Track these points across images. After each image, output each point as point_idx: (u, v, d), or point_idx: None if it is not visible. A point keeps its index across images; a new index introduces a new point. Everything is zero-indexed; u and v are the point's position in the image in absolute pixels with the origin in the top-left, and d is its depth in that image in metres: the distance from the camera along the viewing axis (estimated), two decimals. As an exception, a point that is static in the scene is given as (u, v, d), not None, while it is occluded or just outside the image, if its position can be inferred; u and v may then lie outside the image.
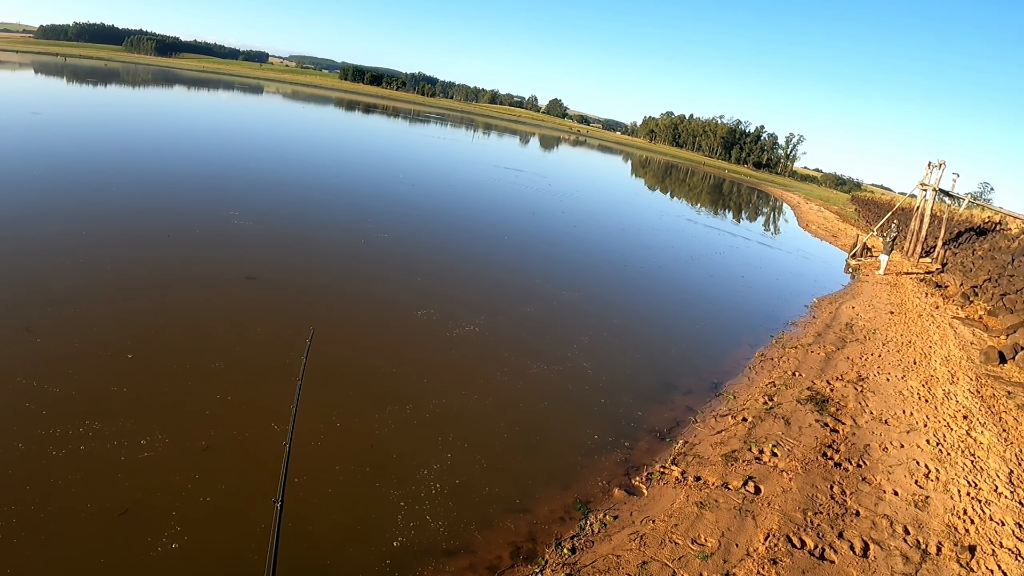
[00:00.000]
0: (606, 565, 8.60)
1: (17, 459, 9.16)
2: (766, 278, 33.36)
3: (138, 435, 10.11)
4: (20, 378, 11.12)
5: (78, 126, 46.58)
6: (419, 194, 39.76)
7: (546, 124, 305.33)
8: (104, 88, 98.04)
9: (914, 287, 32.35)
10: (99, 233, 19.92)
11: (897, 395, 16.06)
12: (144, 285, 16.48)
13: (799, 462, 11.95)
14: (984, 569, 9.23)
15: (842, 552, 9.22)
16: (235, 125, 66.74)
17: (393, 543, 8.79)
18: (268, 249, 21.34)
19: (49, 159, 31.09)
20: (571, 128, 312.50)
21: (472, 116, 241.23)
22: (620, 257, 31.52)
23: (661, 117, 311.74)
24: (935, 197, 44.04)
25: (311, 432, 11.05)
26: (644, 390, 15.52)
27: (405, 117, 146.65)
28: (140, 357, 12.64)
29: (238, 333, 14.44)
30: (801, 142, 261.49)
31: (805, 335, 21.63)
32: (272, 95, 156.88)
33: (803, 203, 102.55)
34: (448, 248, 26.95)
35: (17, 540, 7.76)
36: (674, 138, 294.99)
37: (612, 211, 50.70)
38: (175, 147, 42.93)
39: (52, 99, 68.25)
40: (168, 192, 27.86)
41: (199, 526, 8.40)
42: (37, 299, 14.42)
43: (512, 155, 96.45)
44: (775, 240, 53.64)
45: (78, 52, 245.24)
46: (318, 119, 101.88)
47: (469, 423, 12.37)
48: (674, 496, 10.67)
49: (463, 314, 17.98)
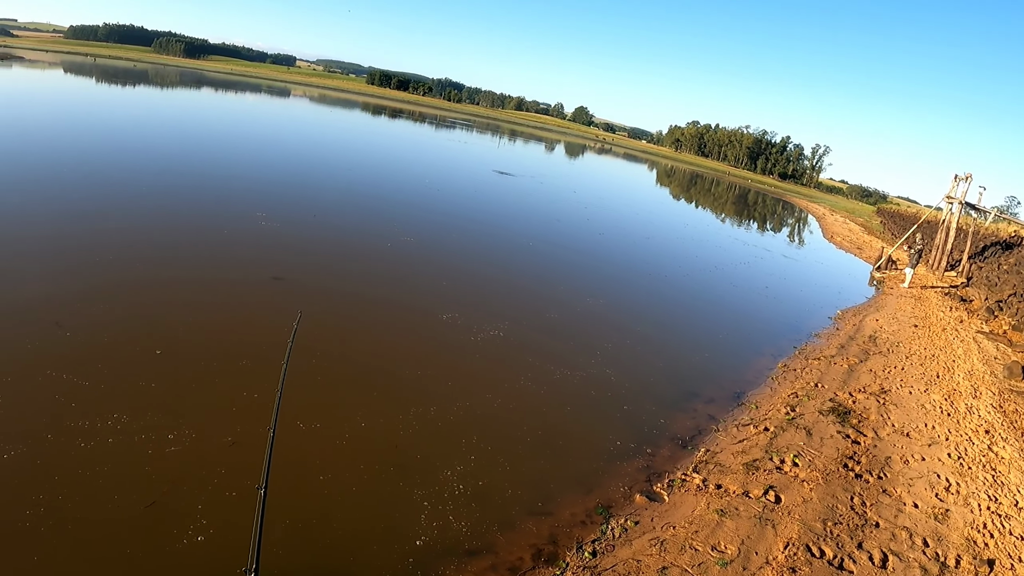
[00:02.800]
0: (626, 569, 8.72)
1: (46, 450, 9.41)
2: (790, 289, 33.28)
3: (165, 429, 10.36)
4: (50, 371, 11.41)
5: (109, 126, 47.25)
6: (445, 199, 40.07)
7: (572, 132, 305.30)
8: (133, 88, 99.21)
9: (939, 300, 32.16)
10: (129, 231, 20.34)
11: (919, 408, 16.04)
12: (172, 283, 16.81)
13: (820, 472, 12.00)
14: (1003, 583, 9.26)
15: (861, 563, 9.28)
16: (262, 128, 67.38)
17: (416, 542, 8.94)
18: (295, 251, 21.62)
19: (80, 159, 31.61)
20: (597, 136, 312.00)
21: (498, 122, 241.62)
22: (644, 265, 31.59)
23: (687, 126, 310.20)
24: (961, 210, 43.72)
25: (336, 432, 11.27)
26: (666, 398, 15.62)
27: (431, 122, 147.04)
28: (168, 353, 12.93)
29: (264, 332, 14.67)
30: (827, 153, 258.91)
31: (828, 347, 21.60)
32: (299, 98, 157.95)
33: (828, 215, 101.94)
34: (473, 253, 27.17)
35: (45, 529, 7.98)
36: (700, 147, 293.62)
37: (637, 220, 50.66)
38: (204, 149, 43.54)
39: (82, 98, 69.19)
40: (196, 193, 28.31)
41: (225, 520, 8.59)
42: (67, 294, 14.75)
43: (537, 162, 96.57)
44: (800, 251, 53.36)
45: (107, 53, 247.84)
46: (345, 123, 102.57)
47: (492, 426, 12.52)
48: (695, 503, 10.77)
49: (488, 319, 18.15)
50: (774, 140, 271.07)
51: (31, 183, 24.67)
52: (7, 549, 7.65)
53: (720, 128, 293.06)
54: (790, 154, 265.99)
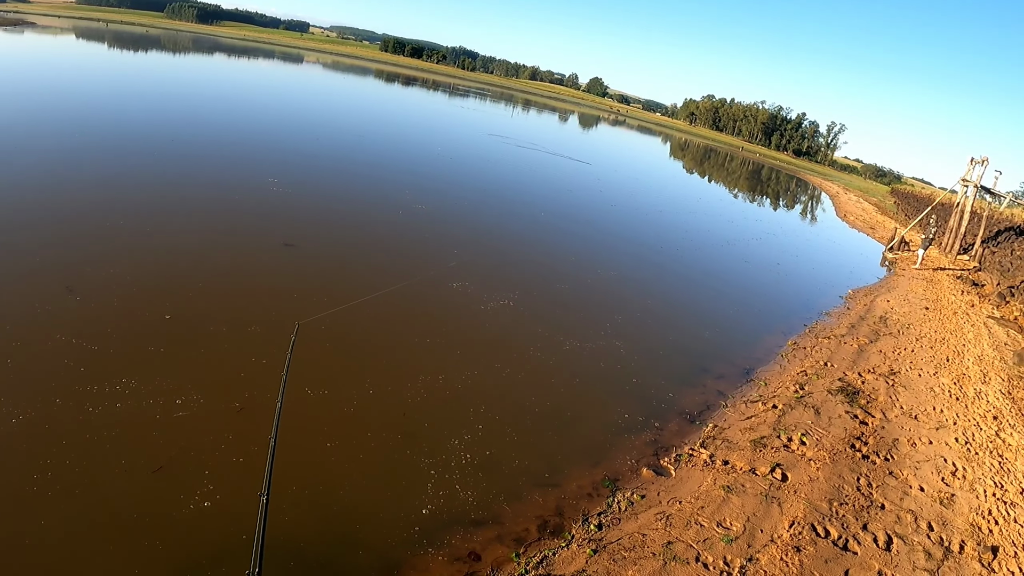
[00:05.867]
0: (631, 543, 8.76)
1: (55, 415, 9.46)
2: (802, 267, 33.12)
3: (174, 395, 10.42)
4: (60, 335, 11.46)
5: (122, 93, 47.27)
6: (457, 168, 39.97)
7: (585, 102, 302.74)
8: (146, 55, 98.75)
9: (950, 284, 32.00)
10: (140, 197, 20.39)
11: (928, 391, 16.01)
12: (184, 248, 16.83)
13: (827, 452, 12.01)
14: (1005, 570, 9.27)
15: (865, 544, 9.31)
16: (275, 94, 67.21)
17: (422, 511, 9.00)
18: (306, 217, 21.63)
19: (92, 125, 31.65)
20: (611, 107, 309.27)
21: (512, 92, 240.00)
22: (656, 239, 31.47)
23: (702, 100, 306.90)
24: (976, 194, 43.29)
25: (344, 399, 11.32)
26: (676, 372, 15.63)
27: (445, 91, 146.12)
28: (178, 318, 12.97)
29: (274, 298, 14.72)
30: (842, 131, 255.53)
31: (839, 326, 21.54)
32: (312, 65, 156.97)
33: (842, 193, 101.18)
34: (485, 223, 27.10)
35: (52, 493, 8.05)
36: (714, 122, 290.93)
37: (649, 192, 50.47)
38: (216, 115, 43.56)
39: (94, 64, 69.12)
40: (208, 159, 28.31)
41: (231, 486, 8.64)
42: (78, 259, 14.79)
43: (549, 133, 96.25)
44: (812, 229, 53.13)
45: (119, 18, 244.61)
46: (358, 90, 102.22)
47: (501, 396, 12.56)
48: (702, 479, 10.80)
49: (498, 288, 18.15)
50: (789, 116, 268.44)
51: (43, 149, 24.76)
52: (15, 512, 7.72)
53: (735, 103, 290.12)
54: (805, 131, 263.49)
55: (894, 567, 8.90)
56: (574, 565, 8.31)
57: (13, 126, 27.40)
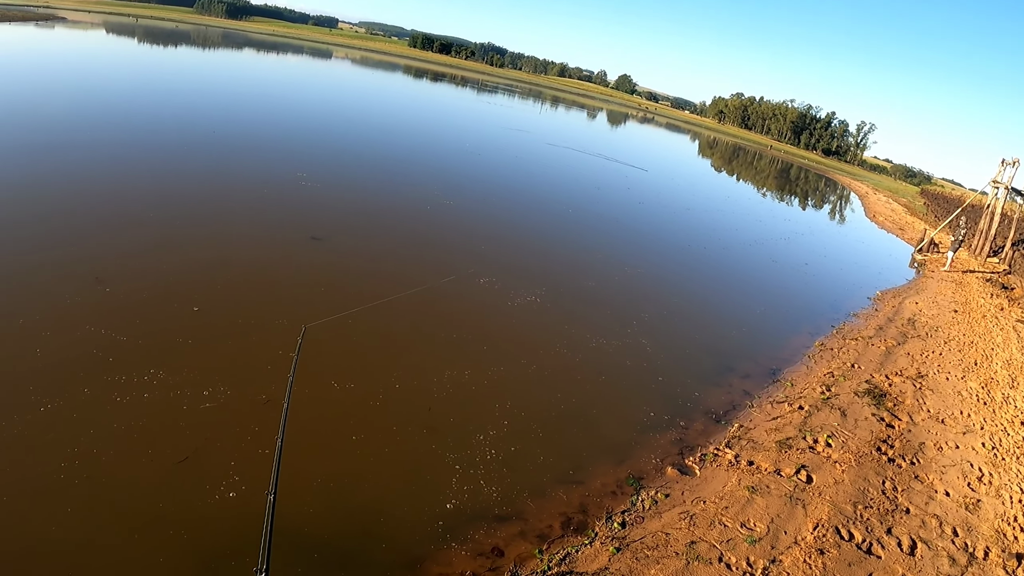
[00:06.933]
0: (655, 542, 8.80)
1: (83, 404, 9.62)
2: (830, 267, 32.86)
3: (201, 386, 10.57)
4: (89, 326, 11.65)
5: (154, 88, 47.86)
6: (485, 164, 40.15)
7: (614, 100, 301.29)
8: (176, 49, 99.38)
9: (979, 287, 31.63)
10: (171, 190, 20.65)
11: (956, 395, 15.89)
12: (213, 241, 17.06)
13: (853, 454, 11.97)
14: (1032, 577, 9.22)
15: (890, 548, 9.29)
16: (305, 89, 67.54)
17: (447, 505, 9.08)
18: (334, 211, 21.84)
19: (124, 118, 32.07)
20: (639, 105, 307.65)
21: (540, 88, 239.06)
22: (683, 237, 31.44)
23: (731, 98, 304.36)
24: (1007, 196, 42.74)
25: (370, 393, 11.45)
26: (701, 371, 15.63)
27: (473, 87, 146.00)
28: (206, 310, 13.16)
29: (302, 291, 14.90)
30: (872, 131, 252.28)
31: (866, 327, 21.40)
32: (341, 60, 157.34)
33: (871, 193, 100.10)
34: (512, 219, 27.21)
35: (79, 481, 8.19)
36: (743, 120, 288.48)
37: (677, 190, 50.24)
38: (244, 109, 44.07)
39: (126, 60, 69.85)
40: (238, 152, 28.66)
41: (257, 477, 8.68)
42: (108, 250, 15.01)
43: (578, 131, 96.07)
44: (841, 229, 52.62)
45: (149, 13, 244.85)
46: (387, 86, 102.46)
47: (526, 392, 12.64)
48: (726, 479, 10.81)
49: (525, 284, 18.23)
50: (819, 115, 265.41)
51: (75, 143, 25.24)
52: (42, 500, 7.85)
53: (764, 101, 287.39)
54: (834, 130, 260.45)
55: (918, 572, 8.88)
56: (597, 563, 8.36)
57: (45, 119, 27.81)
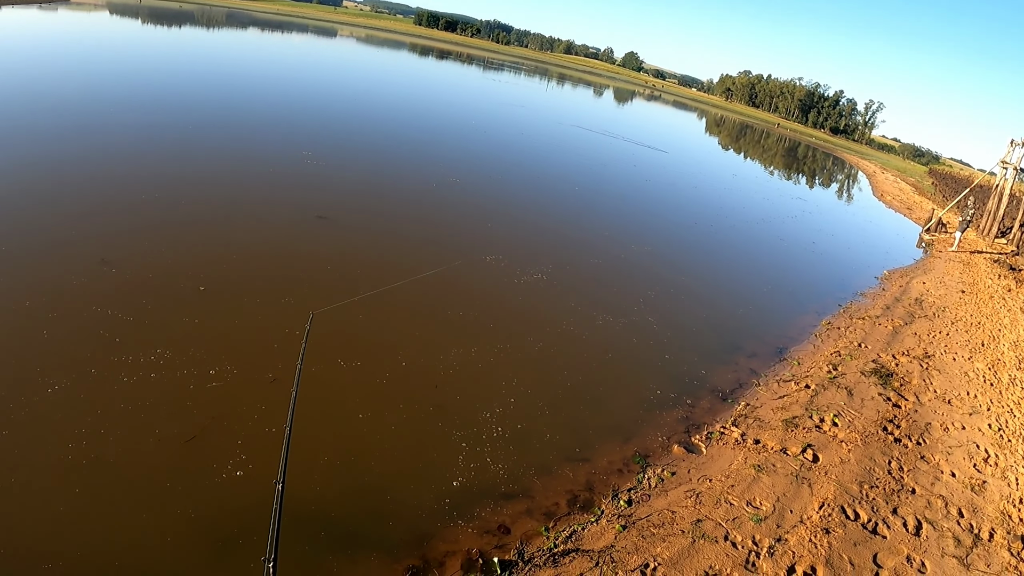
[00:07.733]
0: (661, 520, 8.83)
1: (90, 384, 9.61)
2: (837, 246, 32.69)
3: (207, 365, 10.57)
4: (95, 307, 11.61)
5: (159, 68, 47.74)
6: (491, 142, 39.90)
7: (621, 77, 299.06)
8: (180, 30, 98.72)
9: (987, 268, 31.53)
10: (176, 169, 20.49)
11: (962, 376, 15.88)
12: (218, 220, 16.98)
13: (859, 434, 11.98)
14: (1037, 557, 9.23)
15: (895, 528, 9.31)
16: (309, 68, 67.02)
17: (453, 483, 9.10)
18: (339, 190, 21.74)
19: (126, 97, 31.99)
20: (646, 82, 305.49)
21: (547, 66, 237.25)
22: (690, 215, 31.36)
23: (739, 76, 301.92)
24: (1015, 176, 42.42)
25: (377, 371, 11.45)
26: (708, 349, 15.61)
27: (479, 64, 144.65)
28: (212, 290, 13.11)
29: (308, 270, 14.86)
30: (880, 110, 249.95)
31: (874, 307, 21.35)
32: (346, 39, 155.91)
33: (879, 172, 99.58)
34: (519, 196, 27.11)
35: (87, 462, 8.20)
36: (751, 98, 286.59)
37: (684, 168, 50.06)
38: (250, 87, 43.89)
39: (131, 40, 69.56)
40: (243, 130, 28.53)
41: (265, 456, 8.71)
42: (113, 231, 14.92)
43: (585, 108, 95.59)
44: (848, 208, 52.30)
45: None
46: (392, 64, 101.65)
47: (533, 369, 12.63)
48: (732, 457, 10.83)
49: (531, 262, 18.19)
50: (827, 94, 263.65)
51: (78, 124, 25.19)
52: (51, 481, 7.87)
53: (772, 79, 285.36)
54: (842, 109, 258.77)
55: (923, 552, 8.90)
56: (603, 540, 8.40)
57: (50, 101, 27.76)
